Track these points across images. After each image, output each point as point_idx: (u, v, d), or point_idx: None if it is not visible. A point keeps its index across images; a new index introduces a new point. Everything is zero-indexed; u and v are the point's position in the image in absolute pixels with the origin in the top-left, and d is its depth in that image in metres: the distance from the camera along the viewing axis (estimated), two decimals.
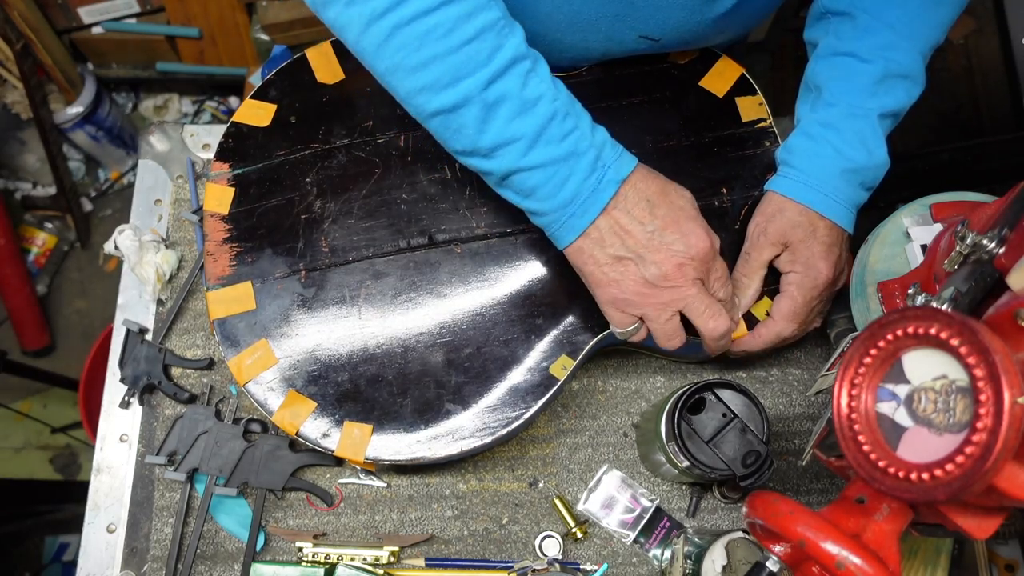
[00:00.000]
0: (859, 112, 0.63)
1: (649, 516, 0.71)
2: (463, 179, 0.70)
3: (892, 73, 0.63)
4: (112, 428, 0.74)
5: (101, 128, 1.88)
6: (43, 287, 1.90)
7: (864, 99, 0.64)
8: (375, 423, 0.64)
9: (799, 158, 0.65)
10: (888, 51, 0.63)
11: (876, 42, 0.63)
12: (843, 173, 0.63)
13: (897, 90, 0.64)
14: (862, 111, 0.63)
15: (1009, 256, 0.47)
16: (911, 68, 0.64)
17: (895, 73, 0.63)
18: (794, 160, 0.65)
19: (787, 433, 0.75)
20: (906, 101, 0.65)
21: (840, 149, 0.63)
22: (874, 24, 0.64)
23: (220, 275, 0.68)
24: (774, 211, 0.65)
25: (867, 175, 0.64)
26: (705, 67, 0.75)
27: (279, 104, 0.72)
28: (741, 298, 0.67)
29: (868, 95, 0.63)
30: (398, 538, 0.70)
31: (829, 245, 0.64)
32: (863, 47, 0.64)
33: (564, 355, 0.65)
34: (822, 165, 0.64)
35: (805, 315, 0.65)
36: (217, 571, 0.70)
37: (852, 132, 0.63)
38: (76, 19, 1.73)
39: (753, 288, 0.66)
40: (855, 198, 0.65)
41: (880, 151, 0.64)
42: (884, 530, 0.43)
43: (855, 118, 0.63)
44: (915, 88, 0.65)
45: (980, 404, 0.36)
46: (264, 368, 0.65)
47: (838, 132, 0.64)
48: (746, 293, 0.67)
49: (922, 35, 0.64)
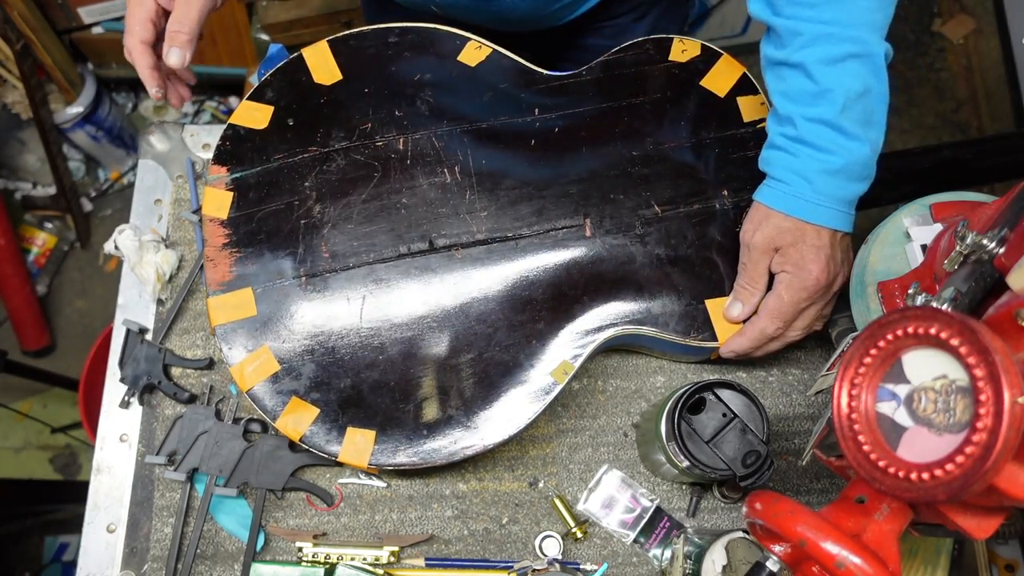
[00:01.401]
0: (814, 118, 0.62)
1: (649, 516, 0.71)
2: (463, 183, 0.70)
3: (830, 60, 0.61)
4: (112, 428, 0.74)
5: (101, 128, 1.88)
6: (43, 287, 1.90)
7: (808, 107, 0.62)
8: (378, 429, 0.63)
9: (776, 168, 0.65)
10: (814, 45, 0.61)
11: (801, 41, 0.62)
12: (823, 175, 0.62)
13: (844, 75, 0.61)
14: (816, 117, 0.62)
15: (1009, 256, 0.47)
16: (853, 48, 0.61)
17: (833, 59, 0.61)
18: (773, 170, 0.65)
19: (787, 433, 0.75)
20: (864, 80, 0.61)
21: (813, 156, 0.63)
22: (798, 25, 0.62)
23: (220, 281, 0.67)
24: (761, 219, 0.65)
25: (853, 170, 0.63)
26: (706, 67, 0.75)
27: (276, 106, 0.72)
28: (746, 306, 0.67)
29: (808, 103, 0.62)
30: (398, 538, 0.70)
31: (819, 247, 0.64)
32: (791, 52, 0.62)
33: (565, 359, 0.65)
34: (800, 172, 0.63)
35: (791, 314, 0.65)
36: (217, 571, 0.70)
37: (818, 138, 0.62)
38: (76, 19, 1.73)
39: (757, 296, 0.67)
40: (845, 194, 0.64)
41: (857, 143, 0.62)
42: (884, 530, 0.43)
43: (814, 124, 0.62)
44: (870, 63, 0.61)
45: (980, 404, 0.36)
46: (266, 375, 0.65)
47: (804, 143, 0.63)
48: (750, 301, 0.67)
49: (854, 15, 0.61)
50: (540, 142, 0.72)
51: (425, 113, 0.72)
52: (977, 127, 2.00)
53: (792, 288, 0.65)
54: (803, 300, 0.65)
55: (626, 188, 0.70)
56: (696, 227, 0.70)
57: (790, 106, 0.63)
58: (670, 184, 0.71)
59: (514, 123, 0.72)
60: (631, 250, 0.68)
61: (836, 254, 0.65)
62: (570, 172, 0.71)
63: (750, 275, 0.67)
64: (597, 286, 0.67)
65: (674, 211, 0.70)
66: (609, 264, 0.68)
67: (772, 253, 0.65)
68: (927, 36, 2.11)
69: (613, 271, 0.68)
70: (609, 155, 0.71)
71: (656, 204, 0.70)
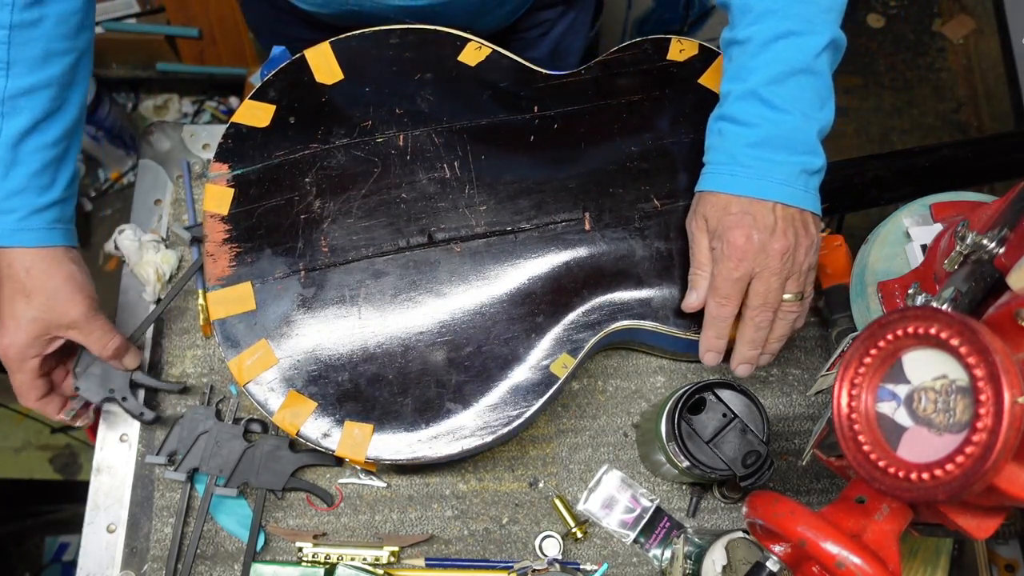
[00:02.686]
0: (742, 93, 0.62)
1: (649, 516, 0.71)
2: (462, 178, 0.70)
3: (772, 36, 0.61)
4: (112, 428, 0.74)
5: (101, 128, 1.88)
6: None
7: (741, 82, 0.62)
8: (376, 423, 0.64)
9: (709, 154, 0.65)
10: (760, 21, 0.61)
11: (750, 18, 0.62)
12: (746, 148, 0.61)
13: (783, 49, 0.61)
14: (745, 91, 0.61)
15: (1009, 256, 0.47)
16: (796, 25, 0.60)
17: (775, 35, 0.61)
18: (706, 158, 0.65)
19: (787, 433, 0.75)
20: (804, 58, 0.61)
21: (736, 131, 0.62)
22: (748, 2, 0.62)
23: (220, 276, 0.68)
24: (695, 205, 0.65)
25: (779, 142, 0.61)
26: (704, 65, 0.75)
27: (278, 105, 0.72)
28: (698, 290, 0.65)
29: (742, 78, 0.62)
30: (398, 538, 0.70)
31: (741, 215, 0.61)
32: (739, 29, 0.62)
33: (565, 353, 0.65)
34: (726, 150, 0.63)
35: (727, 287, 0.62)
36: (217, 571, 0.70)
37: (742, 112, 0.61)
38: None
39: (708, 280, 0.64)
40: (779, 168, 0.61)
41: (785, 115, 0.60)
42: (884, 530, 0.43)
43: (741, 100, 0.62)
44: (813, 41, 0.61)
45: (980, 404, 0.36)
46: (264, 368, 0.65)
47: (729, 120, 0.62)
48: (701, 285, 0.65)
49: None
50: (539, 138, 0.72)
51: (425, 111, 0.72)
52: (977, 127, 2.00)
53: (719, 260, 0.62)
54: (733, 269, 0.61)
55: (625, 182, 0.71)
56: None
57: (728, 84, 0.63)
58: (669, 178, 0.71)
59: (513, 120, 0.72)
60: (630, 244, 0.69)
61: (773, 222, 0.61)
62: (569, 167, 0.71)
63: (696, 260, 0.65)
64: (596, 280, 0.67)
65: (673, 205, 0.70)
66: (608, 258, 0.68)
67: (707, 233, 0.64)
68: (927, 36, 2.11)
69: (612, 265, 0.68)
70: (608, 150, 0.72)
71: (655, 198, 0.70)
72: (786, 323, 0.64)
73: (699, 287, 0.65)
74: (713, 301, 0.63)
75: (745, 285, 0.62)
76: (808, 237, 0.62)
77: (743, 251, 0.60)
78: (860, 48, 2.10)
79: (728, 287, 0.62)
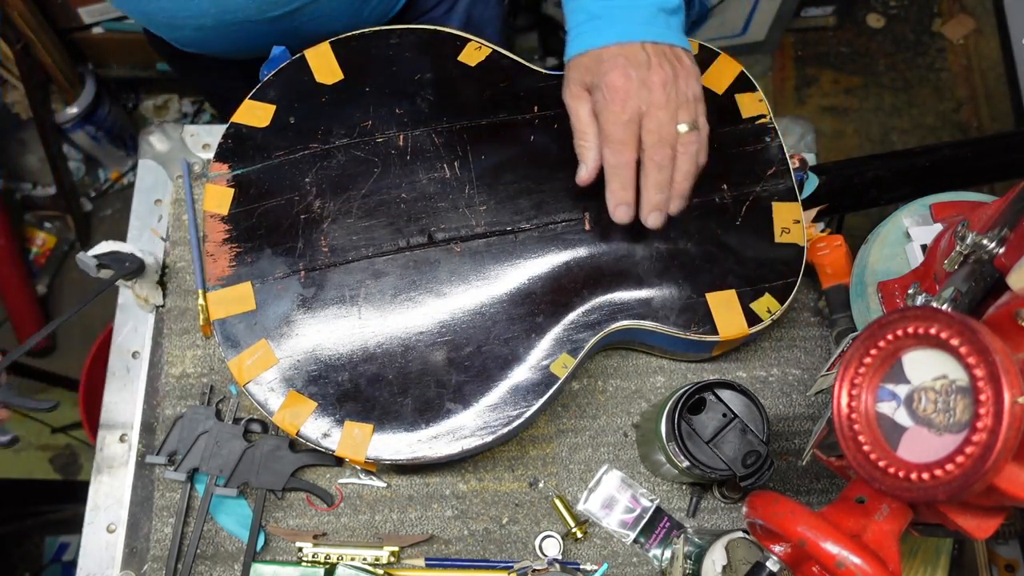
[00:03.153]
0: None
1: (649, 516, 0.71)
2: (462, 178, 0.70)
3: None
4: (112, 428, 0.74)
5: (101, 128, 1.88)
6: (43, 287, 1.90)
7: None
8: (376, 423, 0.64)
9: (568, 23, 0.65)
10: None
11: None
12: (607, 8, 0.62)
13: None
14: None
15: (1009, 256, 0.47)
16: None
17: None
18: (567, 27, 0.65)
19: (787, 433, 0.75)
20: None
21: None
22: None
23: (220, 276, 0.68)
24: (567, 76, 0.65)
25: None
26: (704, 65, 0.75)
27: (278, 105, 0.72)
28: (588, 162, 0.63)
29: None
30: (398, 538, 0.70)
31: (613, 57, 0.61)
32: None
33: (565, 353, 0.65)
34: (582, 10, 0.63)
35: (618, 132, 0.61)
36: (217, 571, 0.70)
37: None
38: (76, 19, 1.73)
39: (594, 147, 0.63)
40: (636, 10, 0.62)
41: None
42: (884, 530, 0.43)
43: None
44: None
45: (980, 404, 0.36)
46: (264, 368, 0.65)
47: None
48: (589, 155, 0.63)
49: None
50: (539, 138, 0.72)
51: (425, 111, 0.72)
52: (977, 127, 2.00)
53: (604, 109, 0.61)
54: (620, 112, 0.60)
55: None
56: (695, 221, 0.70)
57: None
58: None
59: (514, 120, 0.72)
60: (630, 244, 0.69)
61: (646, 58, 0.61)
62: (569, 167, 0.71)
63: (578, 131, 0.64)
64: (596, 280, 0.67)
65: None
66: (608, 258, 0.68)
67: (586, 95, 0.63)
68: (927, 36, 2.11)
69: (612, 265, 0.68)
70: None
71: None
72: (688, 157, 0.62)
73: (587, 157, 0.64)
74: (609, 151, 0.62)
75: (636, 127, 0.61)
76: (684, 68, 0.62)
77: (625, 90, 0.60)
78: (860, 48, 2.10)
79: (620, 131, 0.61)
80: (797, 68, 2.08)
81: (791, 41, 2.10)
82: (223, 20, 0.75)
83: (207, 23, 0.76)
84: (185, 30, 0.78)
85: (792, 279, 0.68)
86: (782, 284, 0.68)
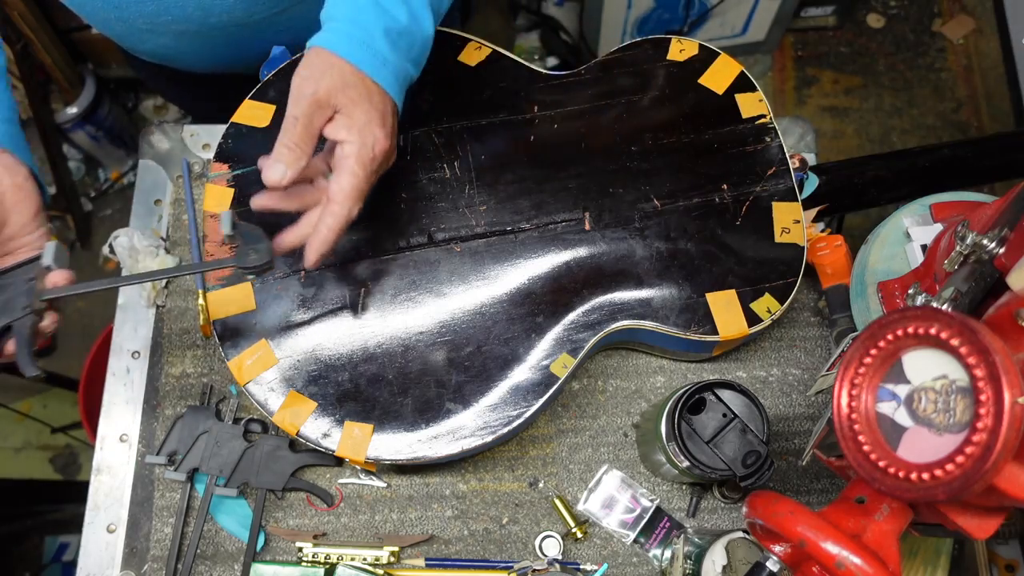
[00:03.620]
0: None
1: (649, 516, 0.71)
2: (462, 178, 0.70)
3: None
4: (112, 428, 0.74)
5: (101, 128, 1.88)
6: None
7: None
8: (376, 423, 0.64)
9: (342, 12, 0.58)
10: None
11: None
12: (388, 33, 0.58)
13: None
14: None
15: (1009, 256, 0.47)
16: None
17: None
18: (337, 15, 0.59)
19: (787, 433, 0.75)
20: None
21: (380, 4, 0.58)
22: None
23: (220, 276, 0.68)
24: (325, 67, 0.56)
25: (413, 43, 0.60)
26: (704, 65, 0.75)
27: (278, 104, 0.72)
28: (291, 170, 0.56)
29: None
30: (398, 538, 0.70)
31: (383, 113, 0.57)
32: None
33: (565, 353, 0.65)
34: (366, 21, 0.57)
35: (367, 191, 0.58)
36: (217, 571, 0.70)
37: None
38: (76, 19, 1.73)
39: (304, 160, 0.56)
40: (402, 69, 0.59)
41: (425, 19, 0.60)
42: (884, 530, 0.43)
43: None
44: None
45: (980, 404, 0.36)
46: (264, 368, 0.65)
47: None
48: (296, 165, 0.56)
49: None
50: (539, 138, 0.72)
51: (425, 111, 0.72)
52: (977, 127, 2.00)
53: (363, 160, 0.56)
54: (373, 173, 0.58)
55: (625, 182, 0.71)
56: (695, 221, 0.70)
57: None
58: (669, 178, 0.71)
59: (513, 120, 0.72)
60: (630, 244, 0.69)
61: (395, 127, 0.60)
62: (569, 167, 0.71)
63: (302, 134, 0.56)
64: (596, 280, 0.67)
65: (673, 205, 0.70)
66: (608, 258, 0.68)
67: (331, 111, 0.56)
68: (927, 36, 2.11)
69: (612, 265, 0.68)
70: (608, 150, 0.72)
71: (655, 198, 0.70)
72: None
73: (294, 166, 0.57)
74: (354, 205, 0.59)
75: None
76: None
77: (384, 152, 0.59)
78: (860, 48, 2.10)
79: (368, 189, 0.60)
80: (797, 68, 2.08)
81: (791, 41, 2.10)
82: (207, 23, 0.73)
83: (190, 28, 0.73)
84: (165, 36, 0.74)
85: (792, 279, 0.68)
86: (782, 284, 0.68)
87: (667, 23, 1.83)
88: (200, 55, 0.79)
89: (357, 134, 0.56)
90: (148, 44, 0.77)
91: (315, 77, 0.56)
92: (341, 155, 0.57)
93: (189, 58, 0.80)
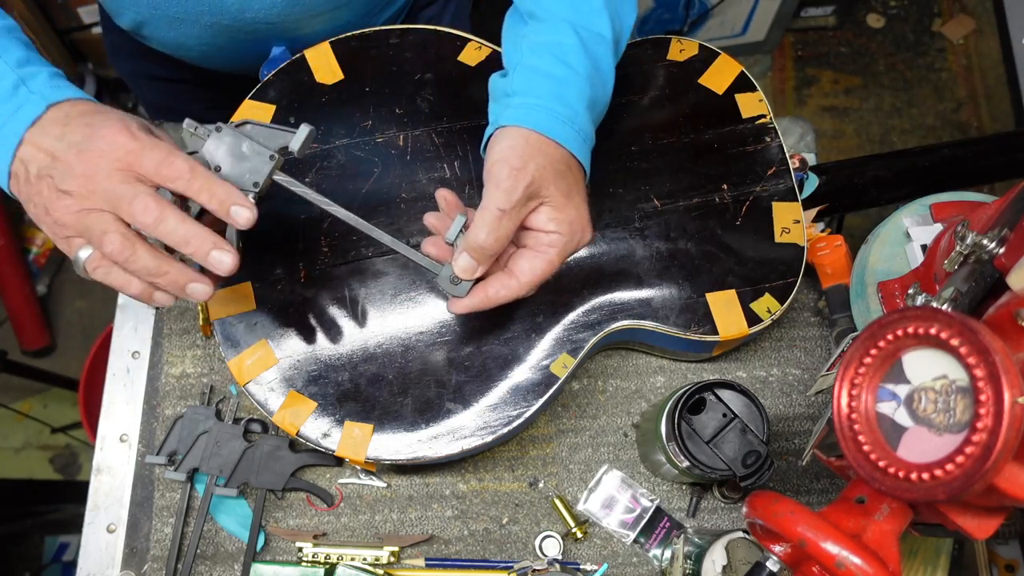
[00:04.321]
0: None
1: (649, 516, 0.71)
2: (462, 178, 0.70)
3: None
4: (112, 428, 0.74)
5: None
6: (43, 287, 1.90)
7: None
8: (376, 423, 0.64)
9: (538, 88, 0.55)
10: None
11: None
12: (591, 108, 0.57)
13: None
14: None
15: (1009, 256, 0.47)
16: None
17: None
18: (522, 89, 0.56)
19: (787, 433, 0.75)
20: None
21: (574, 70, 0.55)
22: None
23: (220, 276, 0.67)
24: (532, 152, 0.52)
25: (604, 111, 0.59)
26: (704, 65, 0.75)
27: (278, 104, 0.72)
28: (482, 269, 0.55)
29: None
30: (398, 538, 0.70)
31: (584, 197, 0.55)
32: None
33: (565, 353, 0.65)
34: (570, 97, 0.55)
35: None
36: (217, 571, 0.70)
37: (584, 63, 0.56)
38: (76, 19, 1.73)
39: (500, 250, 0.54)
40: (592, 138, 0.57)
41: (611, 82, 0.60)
42: (884, 530, 0.43)
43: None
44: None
45: (980, 404, 0.36)
46: (264, 368, 0.65)
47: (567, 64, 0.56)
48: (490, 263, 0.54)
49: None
50: None
51: (425, 111, 0.72)
52: (977, 127, 2.00)
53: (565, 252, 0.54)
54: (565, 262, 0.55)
55: (625, 182, 0.71)
56: (695, 220, 0.70)
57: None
58: (669, 178, 0.71)
59: None
60: (630, 244, 0.69)
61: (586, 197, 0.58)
62: None
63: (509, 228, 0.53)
64: (596, 280, 0.67)
65: (673, 205, 0.70)
66: (608, 257, 0.68)
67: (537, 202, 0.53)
68: (927, 36, 2.11)
69: (612, 265, 0.68)
70: (608, 150, 0.71)
71: (655, 198, 0.70)
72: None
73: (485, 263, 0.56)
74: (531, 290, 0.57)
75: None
76: None
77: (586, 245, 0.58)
78: (860, 48, 2.10)
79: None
80: (797, 68, 2.08)
81: (791, 41, 2.10)
82: (241, 18, 0.72)
83: (222, 20, 0.72)
84: (194, 27, 0.73)
85: (792, 279, 0.68)
86: (782, 284, 0.68)
87: (667, 23, 1.83)
88: (221, 50, 0.78)
89: (567, 227, 0.54)
90: (172, 33, 0.76)
91: (525, 168, 0.52)
92: (544, 241, 0.55)
93: (208, 52, 0.79)
